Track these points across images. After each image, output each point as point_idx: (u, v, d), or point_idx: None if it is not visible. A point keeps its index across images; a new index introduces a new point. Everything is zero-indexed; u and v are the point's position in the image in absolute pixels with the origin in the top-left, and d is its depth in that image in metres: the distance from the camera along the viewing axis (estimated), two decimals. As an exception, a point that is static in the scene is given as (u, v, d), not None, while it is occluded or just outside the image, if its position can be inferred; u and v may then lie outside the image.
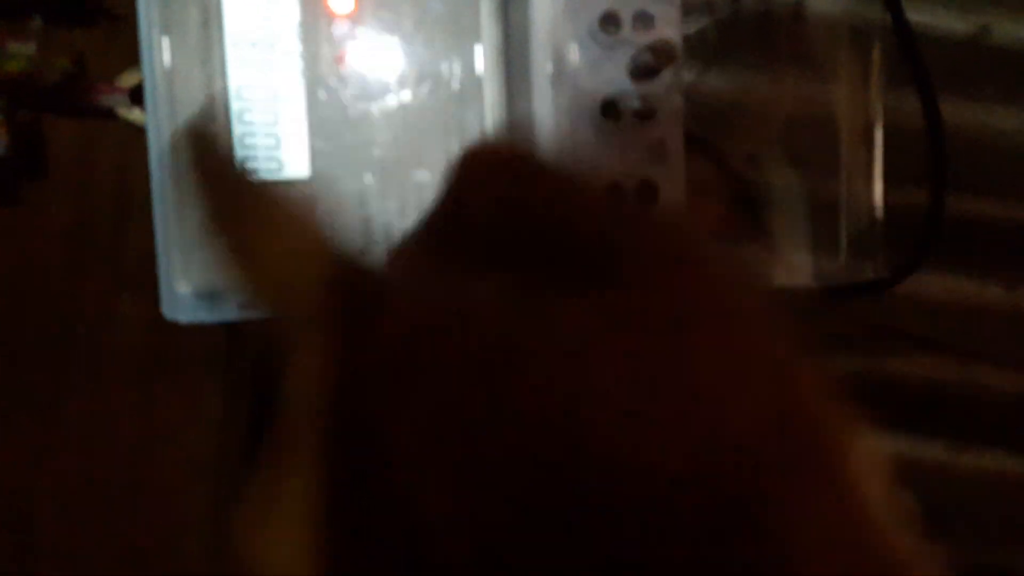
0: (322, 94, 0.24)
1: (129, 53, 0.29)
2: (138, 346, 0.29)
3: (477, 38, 0.24)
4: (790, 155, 0.33)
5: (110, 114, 0.28)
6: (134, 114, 0.28)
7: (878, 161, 0.32)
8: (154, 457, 0.31)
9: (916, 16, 0.37)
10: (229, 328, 0.31)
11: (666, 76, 0.26)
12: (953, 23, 0.37)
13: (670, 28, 0.26)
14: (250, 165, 0.24)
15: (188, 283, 0.24)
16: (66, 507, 0.31)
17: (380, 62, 0.24)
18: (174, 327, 0.28)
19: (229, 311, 0.24)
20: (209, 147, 0.14)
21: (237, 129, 0.24)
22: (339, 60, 0.24)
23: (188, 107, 0.23)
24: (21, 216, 0.30)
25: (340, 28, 0.24)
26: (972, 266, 0.38)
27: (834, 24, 0.33)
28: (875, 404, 0.34)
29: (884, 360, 0.37)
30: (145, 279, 0.29)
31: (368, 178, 0.24)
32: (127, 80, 0.28)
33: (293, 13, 0.23)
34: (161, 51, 0.23)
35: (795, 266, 0.29)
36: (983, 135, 0.37)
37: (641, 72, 0.26)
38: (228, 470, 0.32)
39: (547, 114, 0.25)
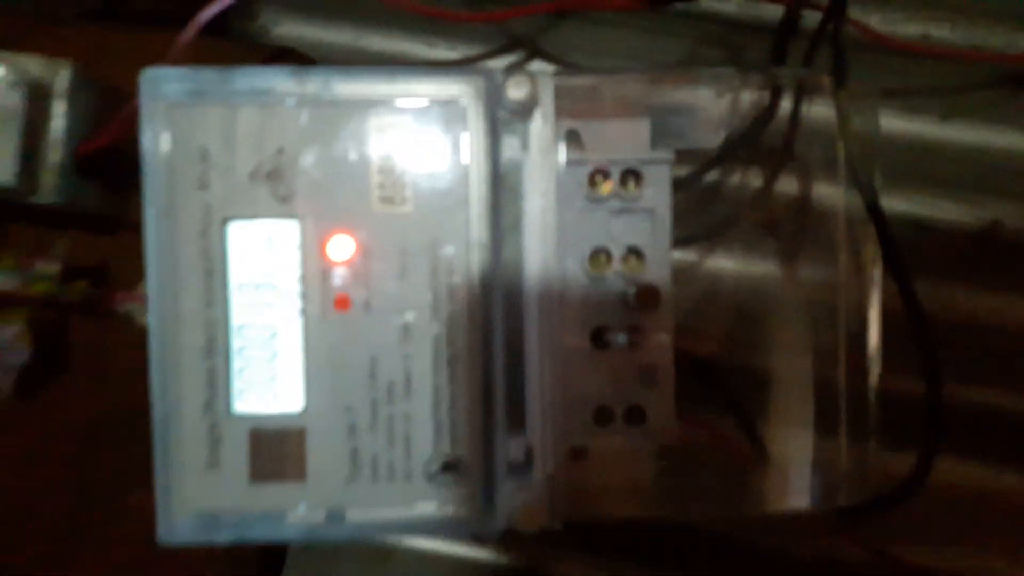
0: (319, 335, 0.25)
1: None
2: (146, 539, 0.30)
3: (468, 284, 0.25)
4: (790, 339, 0.33)
5: (128, 319, 0.30)
6: (150, 319, 0.30)
7: (875, 349, 0.32)
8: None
9: (928, 210, 0.37)
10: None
11: (657, 309, 0.27)
12: (964, 217, 0.37)
13: (660, 266, 0.27)
14: (247, 397, 0.25)
15: (184, 511, 0.25)
16: None
17: (376, 305, 0.25)
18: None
19: (224, 535, 0.25)
20: None
21: (236, 364, 0.25)
22: (338, 303, 0.25)
23: (190, 341, 0.25)
24: (39, 408, 0.31)
25: (339, 274, 0.25)
26: (988, 456, 0.37)
27: (834, 213, 0.33)
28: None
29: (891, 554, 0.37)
30: (152, 477, 0.31)
31: (359, 412, 0.25)
32: (144, 289, 0.29)
33: (294, 261, 0.25)
34: (169, 299, 0.25)
35: (792, 490, 0.29)
36: (998, 327, 0.37)
37: (631, 305, 0.27)
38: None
39: (537, 346, 0.26)
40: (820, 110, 0.32)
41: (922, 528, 0.37)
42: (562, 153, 0.27)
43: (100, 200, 0.30)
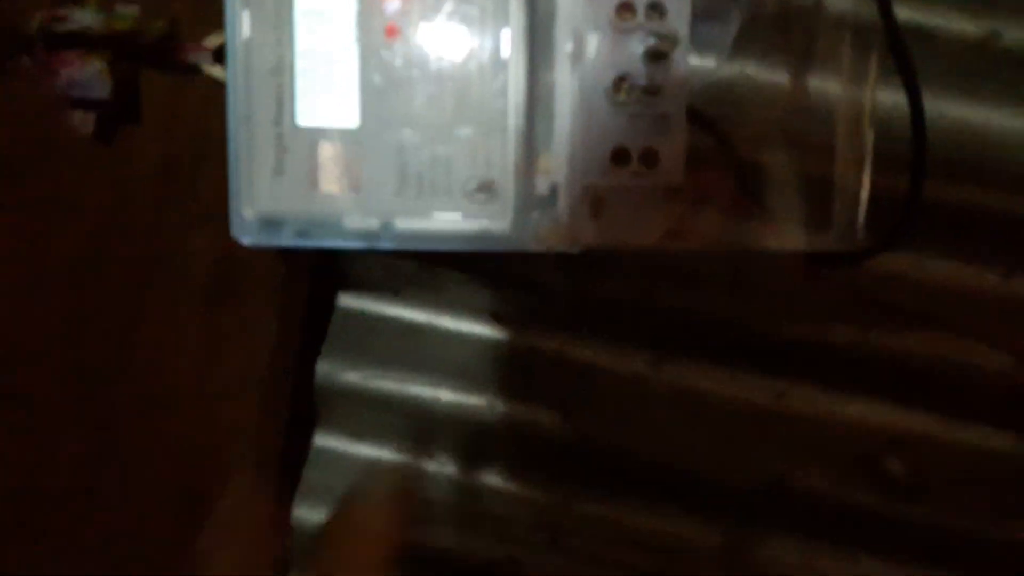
0: (373, 59, 0.28)
1: (214, 17, 0.34)
2: (208, 275, 0.34)
3: (506, 22, 0.28)
4: (789, 139, 0.36)
5: (196, 70, 0.33)
6: (216, 71, 0.33)
7: (868, 148, 0.34)
8: (214, 371, 0.36)
9: (928, 18, 0.39)
10: (287, 260, 0.36)
11: (673, 60, 0.30)
12: (965, 26, 0.39)
13: (679, 19, 0.30)
14: (307, 112, 0.28)
15: (253, 210, 0.28)
16: (141, 413, 0.37)
17: (424, 36, 0.28)
18: (239, 260, 0.33)
19: (287, 237, 0.29)
20: None
21: (300, 83, 0.28)
22: (389, 32, 0.28)
23: (262, 66, 0.28)
24: (115, 154, 0.35)
25: (391, 4, 0.28)
26: (973, 253, 0.40)
27: (839, 22, 0.35)
28: (867, 375, 0.37)
29: (880, 333, 0.40)
30: (216, 216, 0.34)
31: (408, 132, 0.28)
32: (212, 41, 0.32)
33: (352, -10, 0.28)
34: (241, 22, 0.28)
35: (787, 233, 0.32)
36: (989, 133, 0.40)
37: (651, 55, 0.30)
38: (277, 381, 0.37)
39: (566, 88, 0.29)
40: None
41: (907, 318, 0.40)
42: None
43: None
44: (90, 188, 0.35)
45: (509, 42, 0.28)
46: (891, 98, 0.36)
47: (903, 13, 0.39)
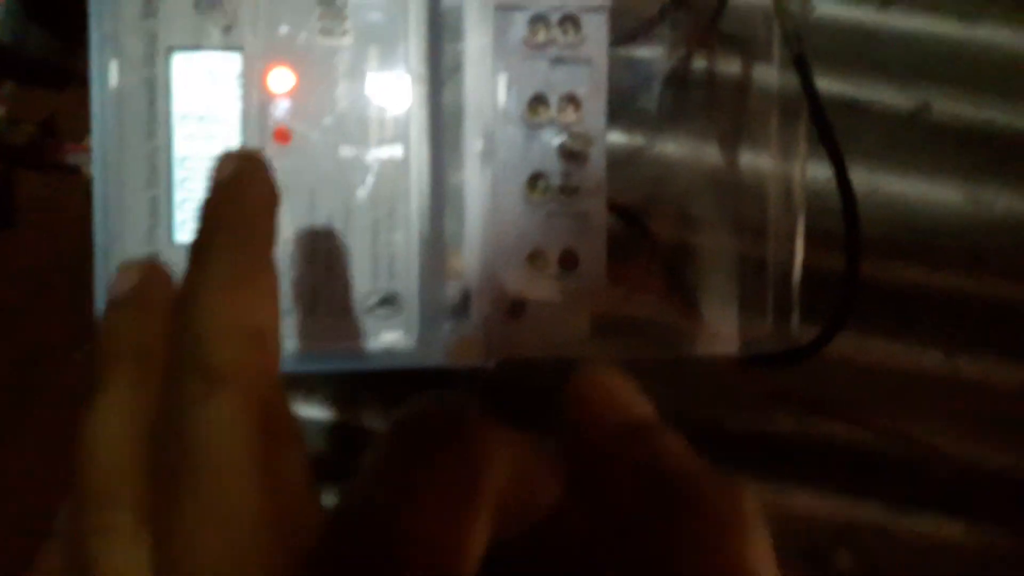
0: (259, 166, 0.25)
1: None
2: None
3: (408, 120, 0.26)
4: (720, 217, 0.35)
5: (76, 170, 0.30)
6: (97, 171, 0.30)
7: (800, 226, 0.33)
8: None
9: (857, 91, 0.38)
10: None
11: (590, 157, 0.28)
12: (894, 98, 0.38)
13: (595, 115, 0.28)
14: (187, 227, 0.26)
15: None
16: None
17: (318, 138, 0.26)
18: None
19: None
20: None
21: (178, 195, 0.25)
22: (279, 135, 0.26)
23: (134, 173, 0.25)
24: (-10, 262, 0.31)
25: (279, 106, 0.25)
26: (913, 332, 0.39)
27: (767, 94, 0.34)
28: (812, 465, 0.35)
29: (822, 421, 0.39)
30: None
31: (300, 244, 0.26)
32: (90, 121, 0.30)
33: (236, 92, 0.25)
34: (109, 126, 0.25)
35: (721, 336, 0.30)
36: (922, 207, 0.38)
37: (567, 153, 0.28)
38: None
39: (476, 187, 0.27)
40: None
41: (848, 404, 0.39)
42: (501, -2, 0.27)
43: (47, 46, 0.30)
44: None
45: (413, 141, 0.26)
46: (825, 172, 0.35)
47: (832, 86, 0.38)
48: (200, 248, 0.15)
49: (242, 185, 0.16)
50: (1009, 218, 0.39)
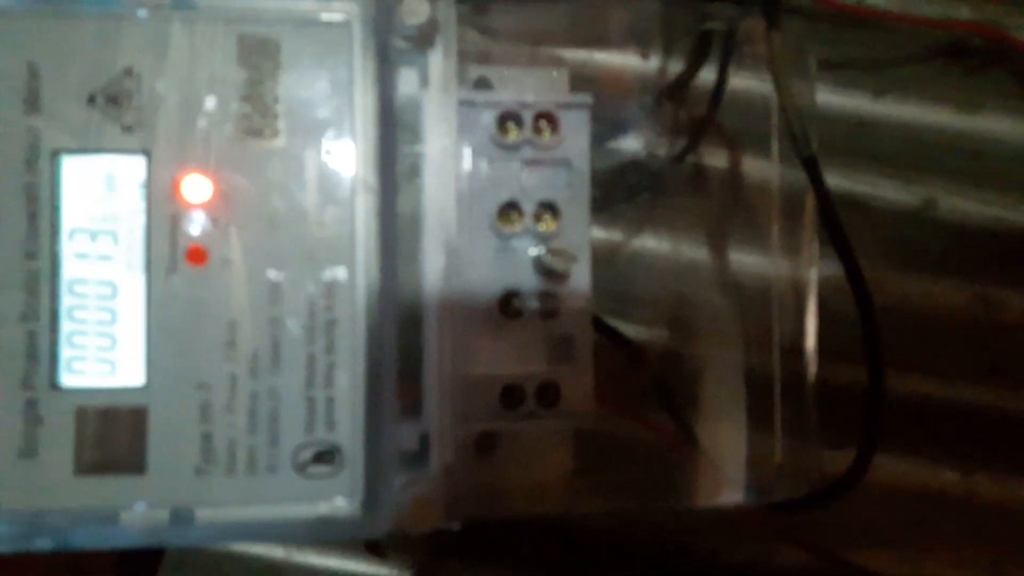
0: (167, 293, 0.21)
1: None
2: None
3: (351, 234, 0.21)
4: (720, 328, 0.31)
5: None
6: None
7: (811, 335, 0.29)
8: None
9: (859, 187, 0.35)
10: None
11: (573, 273, 0.24)
12: (899, 195, 0.35)
13: (576, 226, 0.24)
14: (76, 367, 0.20)
15: (-5, 510, 0.20)
16: None
17: (237, 259, 0.21)
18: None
19: (41, 542, 0.20)
20: None
21: (65, 327, 0.20)
22: (192, 255, 0.21)
23: (7, 299, 0.20)
24: None
25: (193, 220, 0.21)
26: (927, 449, 0.35)
27: (767, 190, 0.31)
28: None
29: (834, 549, 0.34)
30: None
31: (215, 388, 0.21)
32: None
33: (139, 203, 0.21)
34: (-22, 242, 0.20)
35: (727, 481, 0.26)
36: (931, 309, 0.35)
37: (545, 269, 0.24)
38: None
39: (437, 311, 0.22)
40: (750, 82, 0.30)
41: (859, 529, 0.34)
42: (467, 92, 0.23)
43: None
44: None
45: (360, 260, 0.22)
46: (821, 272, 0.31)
47: (832, 181, 0.34)
48: None
49: None
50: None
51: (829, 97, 0.36)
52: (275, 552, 0.35)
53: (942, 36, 0.35)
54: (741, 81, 0.30)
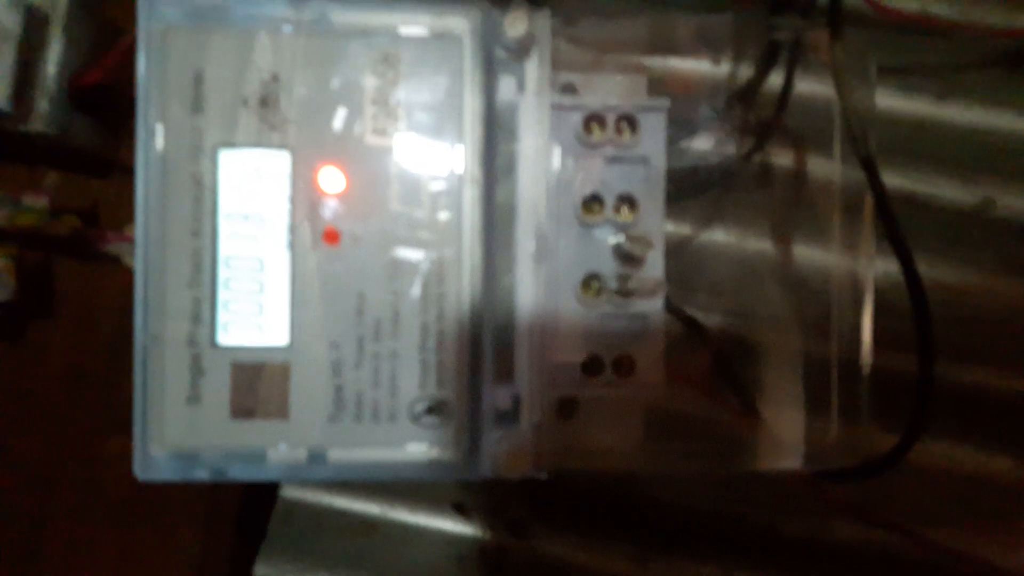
0: (307, 267, 0.25)
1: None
2: (123, 487, 0.30)
3: (460, 222, 0.25)
4: (782, 315, 0.33)
5: (116, 260, 0.30)
6: (138, 262, 0.29)
7: (867, 324, 0.31)
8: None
9: (919, 186, 0.37)
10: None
11: (648, 259, 0.27)
12: (957, 194, 0.37)
13: (652, 216, 0.27)
14: (230, 329, 0.24)
15: (163, 446, 0.24)
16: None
17: (368, 240, 0.25)
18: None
19: (201, 473, 0.24)
20: None
21: (222, 295, 0.24)
22: (328, 236, 0.25)
23: (176, 270, 0.24)
24: (24, 351, 0.31)
25: (329, 206, 0.25)
26: (982, 438, 0.37)
27: (825, 188, 0.33)
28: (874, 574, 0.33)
29: (886, 531, 0.36)
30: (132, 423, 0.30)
31: (345, 348, 0.25)
32: (134, 230, 0.29)
33: (284, 191, 0.25)
34: (157, 224, 0.24)
35: (786, 447, 0.28)
36: (990, 304, 0.37)
37: (623, 254, 0.27)
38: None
39: (529, 288, 0.26)
40: (814, 86, 0.32)
41: (915, 508, 0.36)
42: (557, 96, 0.26)
43: (93, 136, 0.30)
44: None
45: (465, 242, 0.25)
46: (884, 268, 0.33)
47: (893, 181, 0.37)
48: None
49: None
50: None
51: (893, 100, 0.38)
52: (371, 509, 0.39)
53: (1005, 43, 0.37)
54: (806, 86, 0.32)
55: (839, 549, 0.37)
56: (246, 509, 0.37)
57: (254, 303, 0.25)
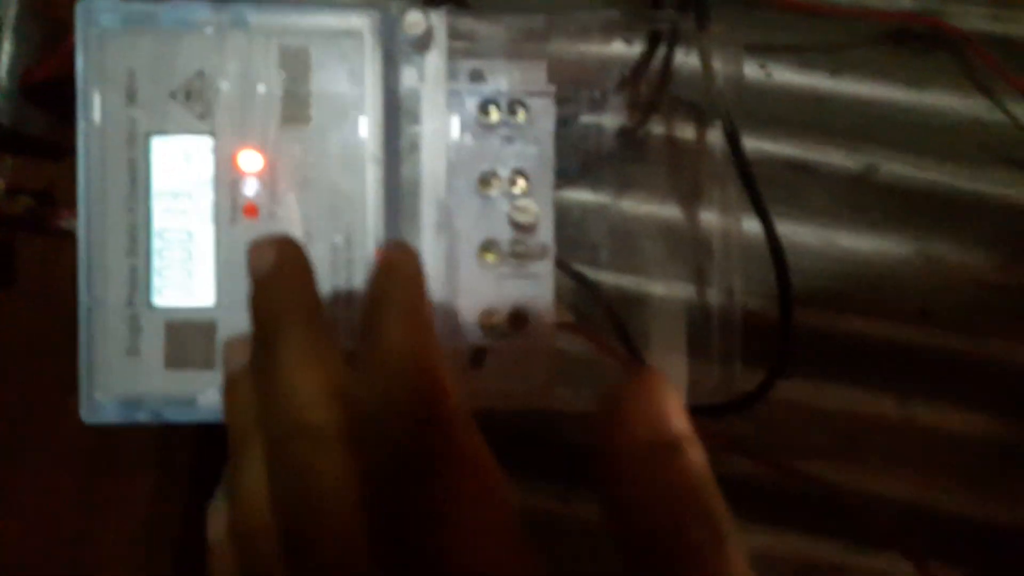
0: (230, 238, 0.28)
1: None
2: (83, 439, 0.33)
3: (363, 195, 0.28)
4: (669, 271, 0.37)
5: (71, 234, 0.33)
6: (90, 236, 0.33)
7: (738, 275, 0.34)
8: (93, 536, 0.35)
9: (808, 154, 0.41)
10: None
11: (539, 225, 0.30)
12: (843, 161, 0.40)
13: (542, 189, 0.30)
14: (163, 293, 0.28)
15: (105, 393, 0.28)
16: None
17: (282, 215, 0.28)
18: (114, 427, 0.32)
19: (141, 416, 0.28)
20: None
21: (156, 263, 0.28)
22: (247, 211, 0.28)
23: (115, 241, 0.28)
24: (-11, 318, 0.34)
25: (248, 184, 0.28)
26: (868, 380, 0.41)
27: (713, 155, 0.36)
28: (768, 507, 0.37)
29: (781, 463, 0.40)
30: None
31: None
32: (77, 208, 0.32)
33: (208, 172, 0.28)
34: (98, 202, 0.28)
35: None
36: (873, 260, 0.40)
37: (516, 223, 0.30)
38: (162, 545, 0.36)
39: (432, 255, 0.29)
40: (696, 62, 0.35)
41: (804, 446, 0.40)
42: (455, 83, 0.30)
43: (45, 126, 0.33)
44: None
45: (370, 215, 0.29)
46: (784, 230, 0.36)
47: (785, 150, 0.40)
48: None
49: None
50: (960, 272, 0.40)
51: (792, 76, 0.41)
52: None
53: (890, 24, 0.41)
54: (689, 61, 0.35)
55: (735, 484, 0.40)
56: (199, 458, 0.40)
57: (184, 270, 0.28)
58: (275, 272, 0.20)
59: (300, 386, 0.17)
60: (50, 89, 0.32)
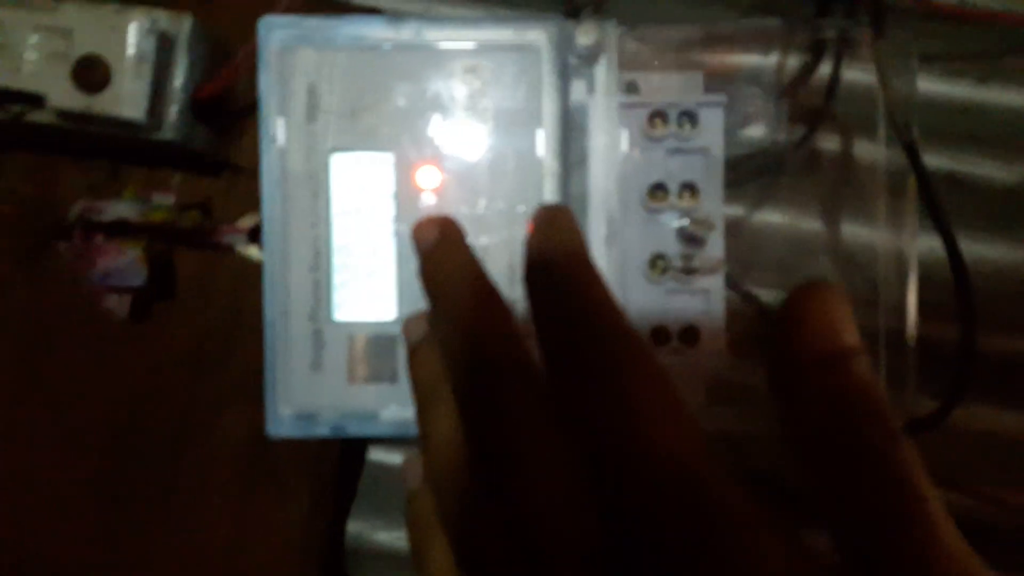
0: (410, 252, 0.28)
1: (247, 198, 0.34)
2: (239, 452, 0.34)
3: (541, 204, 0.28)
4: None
5: (229, 249, 0.34)
6: (249, 250, 0.33)
7: (912, 297, 0.34)
8: (247, 548, 0.35)
9: (959, 165, 0.39)
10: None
11: (709, 239, 0.30)
12: (996, 172, 0.39)
13: (712, 201, 0.30)
14: (344, 308, 0.28)
15: (290, 406, 0.28)
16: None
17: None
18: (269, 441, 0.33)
19: (322, 429, 0.28)
20: None
21: (337, 278, 0.28)
22: (425, 224, 0.28)
23: (298, 256, 0.28)
24: (151, 331, 0.35)
25: (426, 199, 0.28)
26: (1021, 402, 0.39)
27: (870, 169, 0.35)
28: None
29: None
30: (247, 394, 0.34)
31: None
32: (245, 222, 0.33)
33: (389, 187, 0.28)
34: (280, 218, 0.28)
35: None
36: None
37: (686, 236, 0.30)
38: (309, 554, 0.36)
39: (602, 268, 0.29)
40: (859, 74, 0.35)
41: (959, 471, 0.39)
42: (624, 96, 0.30)
43: (209, 141, 0.33)
44: (125, 360, 0.35)
45: (543, 228, 0.28)
46: (926, 244, 0.35)
47: (937, 162, 0.39)
48: None
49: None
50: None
51: (937, 85, 0.40)
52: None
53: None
54: (852, 74, 0.35)
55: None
56: (342, 471, 0.40)
57: (365, 285, 0.28)
58: (439, 244, 0.22)
59: (480, 331, 0.18)
60: (214, 106, 0.33)
